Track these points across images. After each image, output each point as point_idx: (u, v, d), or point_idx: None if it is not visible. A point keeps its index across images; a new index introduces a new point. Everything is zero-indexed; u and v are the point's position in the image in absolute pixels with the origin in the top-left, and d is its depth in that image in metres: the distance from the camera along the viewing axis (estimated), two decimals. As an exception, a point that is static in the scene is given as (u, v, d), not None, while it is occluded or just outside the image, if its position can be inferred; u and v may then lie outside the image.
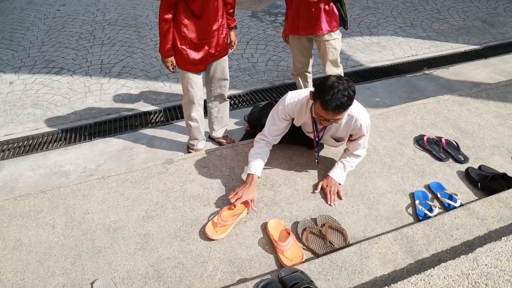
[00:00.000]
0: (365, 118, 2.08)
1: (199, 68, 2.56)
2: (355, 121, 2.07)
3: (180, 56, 2.48)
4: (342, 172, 2.27)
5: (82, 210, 2.18)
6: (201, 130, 2.87)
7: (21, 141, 3.29)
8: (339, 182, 2.25)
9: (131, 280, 1.79)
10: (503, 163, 2.45)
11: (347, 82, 1.82)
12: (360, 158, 2.30)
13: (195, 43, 2.44)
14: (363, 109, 2.11)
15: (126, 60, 4.74)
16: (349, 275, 1.67)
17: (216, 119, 2.97)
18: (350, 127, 2.13)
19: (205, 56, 2.51)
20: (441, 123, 2.85)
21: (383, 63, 4.52)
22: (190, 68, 2.53)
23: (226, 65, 2.70)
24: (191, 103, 2.69)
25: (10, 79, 4.37)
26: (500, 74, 4.11)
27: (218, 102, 2.88)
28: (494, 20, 5.74)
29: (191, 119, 2.78)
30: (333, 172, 2.28)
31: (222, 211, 2.05)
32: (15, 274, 1.82)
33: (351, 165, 2.27)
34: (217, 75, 2.70)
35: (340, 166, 2.28)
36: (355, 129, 2.12)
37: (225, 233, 1.97)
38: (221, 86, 2.78)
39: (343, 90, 1.78)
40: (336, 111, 1.82)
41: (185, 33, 2.40)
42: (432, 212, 2.05)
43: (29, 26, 6.00)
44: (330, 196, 2.19)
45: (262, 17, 6.07)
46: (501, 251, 1.60)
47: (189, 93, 2.64)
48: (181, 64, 2.52)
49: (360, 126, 2.08)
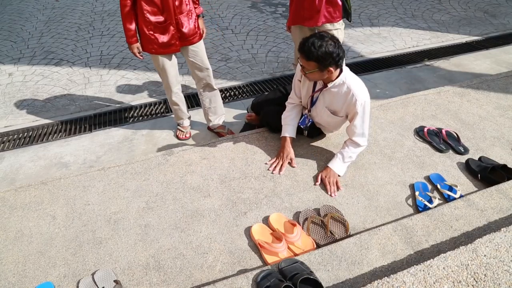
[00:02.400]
0: (361, 95, 2.11)
1: (171, 50, 2.57)
2: (352, 95, 2.11)
3: (149, 41, 2.50)
4: (341, 163, 2.27)
5: (83, 201, 2.18)
6: (183, 110, 3.04)
7: (21, 132, 3.29)
8: (338, 173, 2.26)
9: (131, 270, 1.80)
10: (503, 154, 2.45)
11: (328, 40, 1.94)
12: (360, 148, 2.28)
13: (160, 26, 2.46)
14: (363, 88, 2.14)
15: (125, 51, 4.71)
16: (349, 266, 1.68)
17: (210, 110, 3.01)
18: (346, 101, 2.16)
19: (173, 37, 2.52)
20: (441, 114, 2.84)
21: (384, 54, 4.49)
22: (161, 51, 2.55)
23: (203, 54, 2.71)
24: (168, 88, 2.82)
25: (9, 71, 4.36)
26: (501, 65, 4.09)
27: (207, 93, 2.93)
28: (496, 11, 5.70)
29: (172, 103, 2.96)
30: (332, 163, 2.29)
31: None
32: (16, 265, 1.83)
33: (349, 155, 2.27)
34: (197, 65, 2.73)
35: (339, 157, 2.28)
36: (350, 105, 2.14)
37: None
38: (205, 76, 2.81)
39: (317, 41, 1.93)
40: (302, 54, 1.99)
41: (148, 18, 2.41)
42: (432, 203, 2.06)
43: (28, 17, 5.96)
44: (329, 187, 2.21)
45: (262, 8, 6.02)
46: (500, 242, 1.61)
47: (165, 78, 2.75)
48: (152, 49, 2.54)
49: (354, 102, 2.11)
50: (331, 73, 2.05)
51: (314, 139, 2.60)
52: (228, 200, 2.17)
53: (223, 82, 3.95)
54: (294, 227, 1.92)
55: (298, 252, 1.83)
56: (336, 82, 2.12)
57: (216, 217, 2.07)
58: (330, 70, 2.02)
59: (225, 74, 4.10)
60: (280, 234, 1.88)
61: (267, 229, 1.97)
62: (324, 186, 2.23)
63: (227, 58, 4.43)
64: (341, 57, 1.98)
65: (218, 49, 4.64)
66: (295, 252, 1.84)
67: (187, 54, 2.66)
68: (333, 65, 2.00)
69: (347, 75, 2.13)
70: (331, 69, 2.02)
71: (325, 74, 2.05)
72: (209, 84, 2.88)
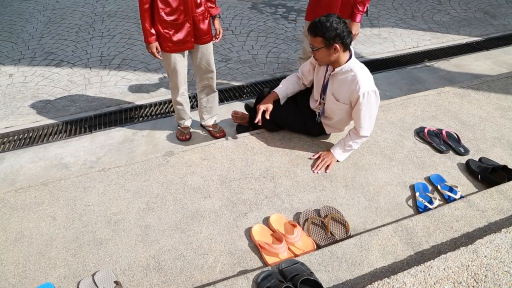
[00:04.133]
0: (365, 84, 2.14)
1: (187, 46, 2.58)
2: (356, 83, 2.14)
3: (164, 39, 2.50)
4: (341, 150, 2.37)
5: (83, 202, 2.18)
6: (186, 111, 3.04)
7: (22, 133, 3.29)
8: (337, 158, 2.37)
9: (132, 271, 1.79)
10: (504, 155, 2.45)
11: (336, 19, 2.05)
12: (362, 139, 2.32)
13: (176, 24, 2.46)
14: (369, 78, 2.18)
15: (126, 52, 4.71)
16: (349, 266, 1.67)
17: (205, 109, 3.07)
18: (350, 88, 2.19)
19: (189, 33, 2.52)
20: (441, 115, 2.84)
21: (384, 55, 4.49)
22: (175, 49, 2.55)
23: (211, 57, 2.74)
24: (176, 88, 2.82)
25: (9, 72, 4.36)
26: (502, 66, 4.09)
27: (206, 93, 2.97)
28: (496, 12, 5.70)
29: (176, 103, 2.95)
30: (333, 148, 2.40)
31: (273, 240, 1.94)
32: (16, 266, 1.83)
33: (350, 143, 2.32)
34: (203, 66, 2.75)
35: (341, 143, 2.39)
36: (354, 92, 2.17)
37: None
38: (208, 78, 2.85)
39: (323, 18, 2.06)
40: (310, 32, 2.11)
41: (163, 17, 2.41)
42: (432, 204, 2.05)
43: (28, 18, 5.96)
44: (318, 164, 2.35)
45: (263, 9, 6.02)
46: (501, 242, 1.60)
47: (174, 78, 2.75)
48: (167, 47, 2.54)
49: (358, 89, 2.14)
50: (337, 51, 2.10)
51: (315, 140, 2.60)
52: (229, 201, 2.17)
53: (223, 82, 3.95)
54: (295, 228, 1.92)
55: (299, 253, 1.83)
56: (344, 67, 2.17)
57: (217, 218, 2.07)
58: (337, 48, 2.08)
59: (225, 75, 4.10)
60: (280, 235, 1.88)
61: (268, 230, 1.97)
62: (315, 160, 2.38)
63: (228, 59, 4.43)
64: (345, 35, 2.06)
65: (218, 50, 4.64)
66: (295, 253, 1.84)
67: (196, 53, 2.67)
68: (338, 41, 2.06)
69: (355, 64, 2.18)
70: (337, 47, 2.07)
71: (332, 53, 2.11)
72: (211, 86, 2.92)
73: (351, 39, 2.12)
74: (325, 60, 2.19)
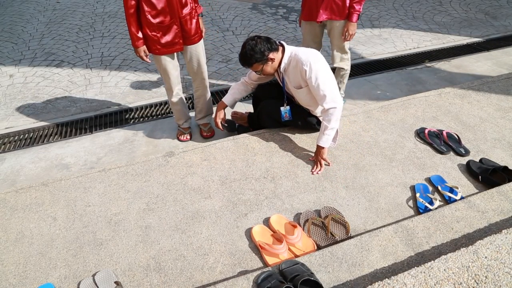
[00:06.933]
0: (305, 59, 2.24)
1: (176, 49, 2.59)
2: (301, 64, 2.25)
3: (152, 41, 2.51)
4: (321, 135, 2.32)
5: (83, 202, 2.19)
6: (184, 111, 3.06)
7: (22, 134, 3.29)
8: (322, 145, 2.32)
9: (132, 272, 1.80)
10: (504, 156, 2.44)
11: (251, 42, 2.23)
12: (331, 114, 2.26)
13: (163, 26, 2.46)
14: (308, 53, 2.27)
15: (126, 52, 4.72)
16: (349, 267, 1.67)
17: (198, 109, 3.10)
18: (298, 71, 2.30)
19: (176, 35, 2.53)
20: (442, 116, 2.84)
21: (385, 56, 4.49)
22: (164, 51, 2.56)
23: (201, 56, 2.75)
24: (170, 89, 2.85)
25: (10, 72, 4.36)
26: (502, 67, 4.09)
27: (200, 93, 2.99)
28: (497, 13, 5.70)
29: (172, 103, 2.97)
30: (317, 139, 2.36)
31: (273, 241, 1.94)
32: (17, 266, 1.83)
33: (325, 124, 2.29)
34: (194, 66, 2.77)
35: (320, 130, 2.35)
36: (302, 72, 2.28)
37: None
38: (200, 78, 2.87)
39: (247, 50, 2.23)
40: (246, 65, 2.32)
41: (150, 19, 2.42)
42: (433, 205, 2.05)
43: (29, 18, 5.97)
44: (315, 167, 2.36)
45: (263, 9, 6.03)
46: (501, 243, 1.60)
47: (167, 79, 2.77)
48: (156, 49, 2.55)
49: (303, 68, 2.25)
50: (274, 59, 2.28)
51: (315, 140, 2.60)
52: (229, 202, 2.17)
53: (224, 83, 3.95)
54: (295, 228, 1.92)
55: (299, 254, 1.83)
56: (286, 61, 2.34)
57: (217, 218, 2.07)
58: (272, 58, 2.27)
59: (226, 76, 4.10)
60: (280, 235, 1.88)
61: (268, 231, 1.97)
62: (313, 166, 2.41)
63: (228, 60, 4.43)
64: (266, 45, 2.23)
65: (219, 50, 4.65)
66: (295, 253, 1.84)
67: (186, 54, 2.69)
68: (268, 53, 2.24)
69: (293, 51, 2.33)
70: (271, 56, 2.26)
71: (271, 63, 2.30)
72: (204, 85, 2.93)
73: (270, 39, 2.27)
74: (272, 71, 2.38)
